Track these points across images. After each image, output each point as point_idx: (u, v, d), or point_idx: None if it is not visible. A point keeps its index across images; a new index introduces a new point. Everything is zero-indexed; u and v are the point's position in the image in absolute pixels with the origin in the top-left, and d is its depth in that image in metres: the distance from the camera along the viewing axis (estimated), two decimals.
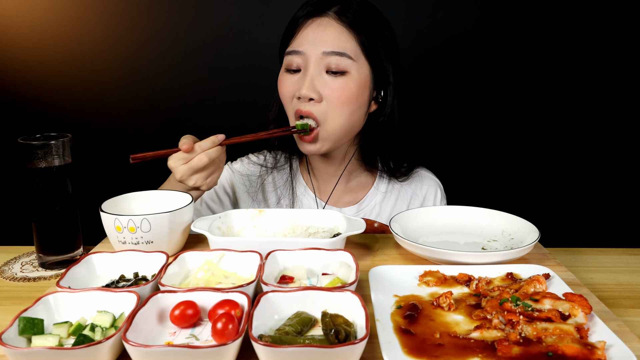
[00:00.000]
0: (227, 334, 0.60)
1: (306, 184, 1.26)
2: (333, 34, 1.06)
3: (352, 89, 1.07)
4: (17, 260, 1.00)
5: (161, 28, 1.64)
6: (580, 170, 1.73)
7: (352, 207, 1.24)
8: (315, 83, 1.06)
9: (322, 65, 1.06)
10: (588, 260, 1.01)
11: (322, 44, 1.06)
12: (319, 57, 1.06)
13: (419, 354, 0.59)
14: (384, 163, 1.24)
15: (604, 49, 1.63)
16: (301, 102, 1.08)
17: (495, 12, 1.62)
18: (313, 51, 1.06)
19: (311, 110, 1.07)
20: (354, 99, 1.08)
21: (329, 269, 0.80)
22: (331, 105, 1.07)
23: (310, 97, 1.06)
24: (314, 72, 1.07)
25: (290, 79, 1.10)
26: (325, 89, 1.06)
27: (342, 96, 1.07)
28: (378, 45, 1.09)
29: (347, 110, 1.08)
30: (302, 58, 1.08)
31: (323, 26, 1.07)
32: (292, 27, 1.12)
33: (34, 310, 0.64)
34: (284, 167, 1.27)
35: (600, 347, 0.58)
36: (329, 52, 1.05)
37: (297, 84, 1.08)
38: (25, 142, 0.90)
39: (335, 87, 1.06)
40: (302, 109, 1.08)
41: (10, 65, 1.66)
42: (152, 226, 0.86)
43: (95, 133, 1.72)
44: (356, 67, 1.07)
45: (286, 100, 1.12)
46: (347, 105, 1.08)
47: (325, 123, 1.08)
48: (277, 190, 1.26)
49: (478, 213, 1.04)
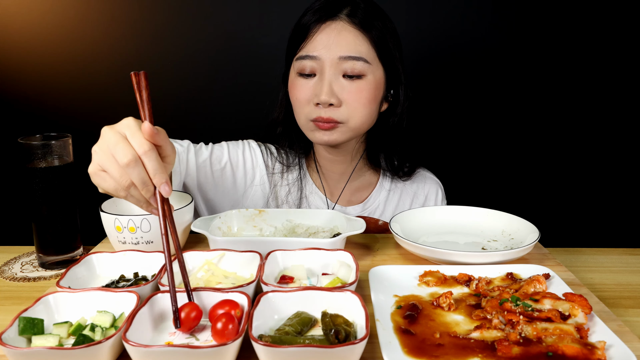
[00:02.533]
0: (227, 334, 0.60)
1: (315, 184, 1.26)
2: (348, 39, 1.06)
3: (370, 90, 1.08)
4: (17, 260, 1.00)
5: (161, 28, 1.64)
6: (580, 170, 1.73)
7: (357, 206, 1.25)
8: (333, 88, 1.06)
9: (338, 70, 1.06)
10: (588, 260, 1.01)
11: (337, 49, 1.05)
12: (335, 62, 1.06)
13: (419, 354, 0.59)
14: (388, 162, 1.24)
15: (604, 49, 1.63)
16: (320, 109, 1.07)
17: (496, 12, 1.62)
18: (328, 56, 1.06)
19: (332, 115, 1.07)
20: (372, 100, 1.09)
21: (329, 269, 0.80)
22: (351, 107, 1.07)
23: (330, 103, 1.06)
24: (331, 77, 1.06)
25: (306, 84, 1.09)
26: (343, 93, 1.06)
27: (361, 99, 1.07)
28: (389, 45, 1.10)
29: (367, 111, 1.09)
30: (317, 63, 1.07)
31: (337, 30, 1.06)
32: (302, 31, 1.10)
33: (34, 310, 0.64)
34: (293, 165, 1.26)
35: (600, 347, 0.58)
36: (346, 57, 1.05)
37: (313, 89, 1.08)
38: (25, 142, 0.90)
39: (353, 91, 1.06)
40: (323, 116, 1.07)
41: (11, 65, 1.66)
42: (152, 226, 0.86)
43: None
44: (371, 69, 1.07)
45: (300, 104, 1.11)
46: (366, 106, 1.09)
47: (347, 123, 1.09)
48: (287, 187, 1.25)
49: (478, 213, 1.04)
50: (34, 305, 0.64)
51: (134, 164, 0.66)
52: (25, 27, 1.63)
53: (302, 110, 1.11)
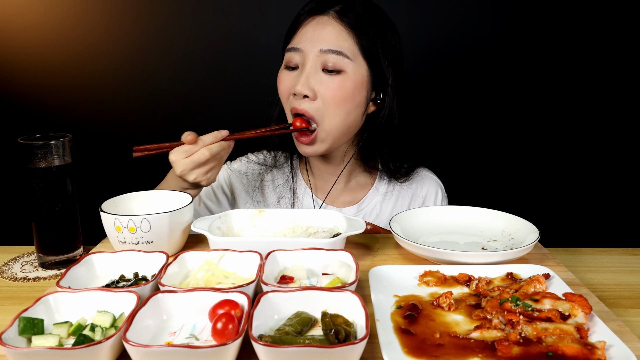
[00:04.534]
0: (227, 334, 0.60)
1: (306, 184, 1.26)
2: (331, 33, 1.06)
3: (348, 88, 1.07)
4: (17, 260, 1.00)
5: (161, 28, 1.64)
6: (580, 170, 1.73)
7: (352, 207, 1.24)
8: (310, 80, 1.06)
9: (318, 63, 1.07)
10: (588, 260, 1.01)
11: (319, 42, 1.06)
12: (316, 55, 1.06)
13: (419, 354, 0.59)
14: (384, 164, 1.24)
15: (604, 49, 1.63)
16: (296, 100, 1.08)
17: (495, 12, 1.62)
18: (310, 49, 1.07)
19: (306, 108, 1.07)
20: (349, 98, 1.08)
21: (329, 269, 0.80)
22: (326, 103, 1.07)
23: (304, 94, 1.06)
24: (311, 69, 1.07)
25: (288, 76, 1.11)
26: (320, 86, 1.06)
27: (337, 95, 1.06)
28: (378, 47, 1.09)
29: (343, 109, 1.08)
30: (300, 55, 1.08)
31: (322, 24, 1.07)
32: (293, 24, 1.12)
33: (34, 310, 0.64)
34: (283, 166, 1.27)
35: (600, 347, 0.58)
36: (326, 50, 1.06)
37: (294, 81, 1.09)
38: (25, 142, 0.90)
39: (331, 86, 1.06)
40: (297, 107, 1.08)
41: (11, 65, 1.66)
42: (152, 226, 0.86)
43: (95, 133, 1.72)
44: (353, 66, 1.07)
45: (283, 97, 1.13)
46: (342, 104, 1.07)
47: (322, 122, 1.08)
48: (277, 190, 1.26)
49: (478, 213, 1.04)
50: (34, 305, 0.64)
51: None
52: (25, 27, 1.64)
53: (286, 104, 1.12)
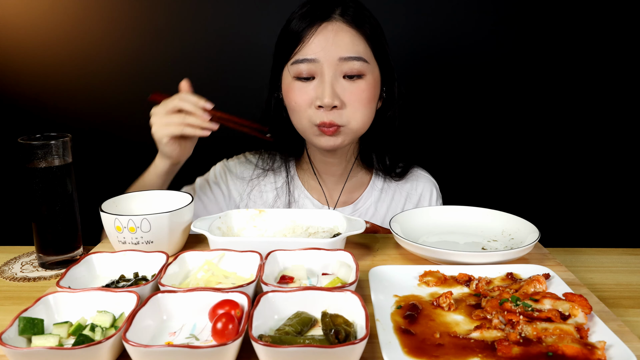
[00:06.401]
0: (227, 334, 0.60)
1: (303, 187, 1.25)
2: (346, 39, 1.05)
3: (370, 90, 1.08)
4: (17, 260, 1.00)
5: (161, 28, 1.64)
6: (580, 170, 1.73)
7: (348, 207, 1.24)
8: (335, 90, 1.05)
9: (338, 72, 1.05)
10: (588, 260, 1.01)
11: (337, 50, 1.04)
12: (335, 63, 1.05)
13: (419, 354, 0.59)
14: (380, 162, 1.24)
15: (603, 49, 1.63)
16: (323, 112, 1.06)
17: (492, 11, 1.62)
18: (327, 57, 1.05)
19: (334, 119, 1.06)
20: (372, 99, 1.10)
21: (329, 269, 0.80)
22: (352, 108, 1.07)
23: (333, 105, 1.05)
24: (332, 78, 1.05)
25: (305, 87, 1.07)
26: (344, 93, 1.06)
27: (363, 99, 1.07)
28: (382, 42, 1.10)
29: (368, 110, 1.10)
30: (315, 65, 1.05)
31: (334, 31, 1.05)
32: (294, 36, 1.07)
33: (34, 310, 0.64)
34: (280, 169, 1.26)
35: (600, 347, 0.58)
36: (346, 58, 1.05)
37: (314, 91, 1.06)
38: (25, 142, 0.90)
39: (355, 91, 1.06)
40: (325, 120, 1.06)
41: (11, 65, 1.66)
42: (152, 226, 0.86)
43: (95, 133, 1.72)
44: (370, 68, 1.08)
45: (301, 108, 1.09)
46: (367, 106, 1.09)
47: (348, 124, 1.08)
48: (275, 192, 1.25)
49: (478, 213, 1.04)
50: (34, 305, 0.64)
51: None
52: (25, 27, 1.63)
53: (304, 114, 1.09)
